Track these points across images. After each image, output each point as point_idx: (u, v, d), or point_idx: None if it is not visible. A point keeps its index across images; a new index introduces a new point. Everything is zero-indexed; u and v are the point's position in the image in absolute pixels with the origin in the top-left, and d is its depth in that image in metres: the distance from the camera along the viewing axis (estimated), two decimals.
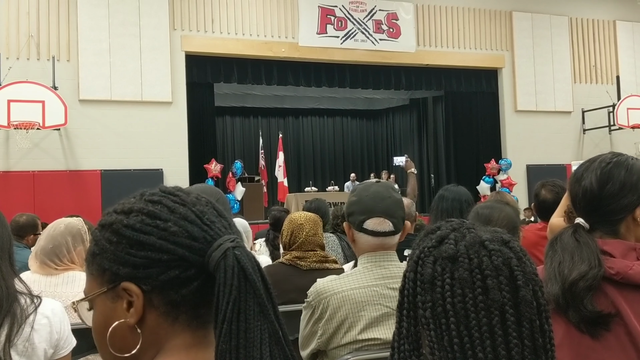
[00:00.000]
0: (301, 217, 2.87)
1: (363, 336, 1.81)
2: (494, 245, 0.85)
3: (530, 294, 0.83)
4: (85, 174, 10.23)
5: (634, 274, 1.24)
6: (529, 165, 13.26)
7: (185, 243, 0.80)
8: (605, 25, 14.55)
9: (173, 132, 10.82)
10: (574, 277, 1.23)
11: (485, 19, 13.44)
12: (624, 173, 1.36)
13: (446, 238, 0.88)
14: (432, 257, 0.87)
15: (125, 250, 0.81)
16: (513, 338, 0.80)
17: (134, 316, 0.80)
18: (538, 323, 0.83)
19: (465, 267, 0.84)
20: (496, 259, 0.84)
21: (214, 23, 11.33)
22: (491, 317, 0.81)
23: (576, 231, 1.34)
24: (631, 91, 13.46)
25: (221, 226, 0.84)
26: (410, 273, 0.90)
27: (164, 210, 0.83)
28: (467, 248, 0.85)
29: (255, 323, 0.76)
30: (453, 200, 3.34)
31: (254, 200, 11.73)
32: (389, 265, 1.91)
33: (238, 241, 0.81)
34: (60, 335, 1.71)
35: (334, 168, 18.13)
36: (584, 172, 1.40)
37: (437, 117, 15.94)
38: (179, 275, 0.80)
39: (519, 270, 0.84)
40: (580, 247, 1.29)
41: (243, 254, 0.79)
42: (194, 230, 0.81)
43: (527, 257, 0.87)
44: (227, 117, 16.90)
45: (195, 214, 0.83)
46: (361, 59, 12.39)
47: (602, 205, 1.35)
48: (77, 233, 2.47)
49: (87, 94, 10.30)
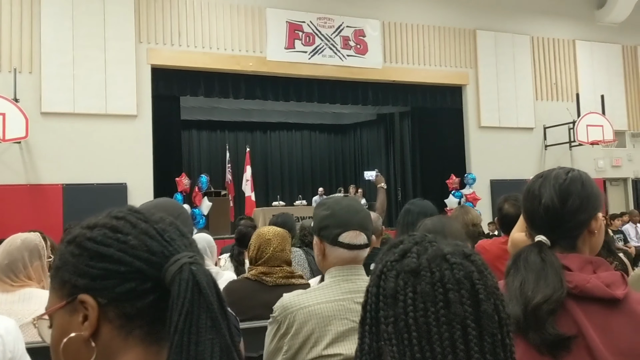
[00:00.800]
0: (269, 232, 2.83)
1: (328, 351, 1.79)
2: (456, 258, 0.85)
3: (491, 308, 0.83)
4: (46, 188, 9.99)
5: (592, 287, 1.25)
6: (493, 180, 13.47)
7: (144, 256, 0.82)
8: (565, 44, 14.97)
9: (138, 145, 10.67)
10: (538, 301, 1.22)
11: (450, 37, 13.69)
12: (581, 188, 1.38)
13: (409, 252, 0.88)
14: (394, 271, 0.87)
15: (85, 262, 0.83)
16: (475, 352, 0.80)
17: (88, 329, 0.81)
18: (500, 337, 0.83)
19: (427, 281, 0.83)
20: (458, 272, 0.84)
21: (181, 36, 11.26)
22: (453, 332, 0.80)
23: (541, 250, 1.33)
24: (590, 108, 13.82)
25: (182, 244, 0.86)
26: (373, 288, 0.89)
27: (127, 225, 0.85)
28: (429, 261, 0.85)
29: (207, 336, 0.77)
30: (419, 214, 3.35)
31: (220, 215, 11.62)
32: (357, 279, 1.89)
33: (196, 258, 0.83)
34: (13, 354, 1.65)
35: (302, 182, 18.12)
36: (540, 189, 1.39)
37: (404, 132, 16.13)
38: (135, 288, 0.81)
39: (481, 283, 0.84)
40: (546, 268, 1.28)
41: (199, 269, 0.80)
42: (153, 245, 0.83)
43: (488, 271, 0.87)
44: (194, 130, 16.78)
45: (157, 231, 0.85)
46: (329, 74, 12.47)
47: (565, 222, 1.36)
48: (35, 248, 2.40)
49: (49, 106, 10.10)
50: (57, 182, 10.08)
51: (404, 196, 15.18)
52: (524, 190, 1.46)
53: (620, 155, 15.21)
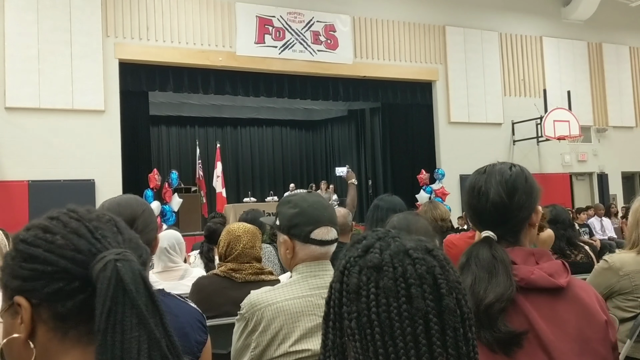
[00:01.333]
0: (239, 229, 2.81)
1: (297, 347, 1.79)
2: (418, 253, 0.86)
3: (453, 302, 0.83)
4: (11, 185, 9.77)
5: (536, 278, 1.29)
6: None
7: (69, 255, 0.82)
8: (532, 40, 15.20)
9: (106, 141, 10.50)
10: (490, 300, 1.23)
11: (419, 32, 13.78)
12: (525, 182, 1.41)
13: (372, 247, 0.88)
14: (357, 266, 0.86)
15: (18, 263, 0.83)
16: (437, 347, 0.80)
17: (23, 330, 0.82)
18: (462, 331, 0.83)
19: (390, 276, 0.83)
20: (420, 267, 0.84)
21: (149, 30, 11.10)
22: (415, 326, 0.81)
23: (491, 246, 1.34)
24: (557, 104, 14.07)
25: (115, 240, 0.85)
26: (337, 283, 0.89)
27: (58, 224, 0.85)
28: (392, 257, 0.85)
29: (132, 334, 0.75)
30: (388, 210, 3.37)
31: (190, 211, 11.53)
32: (324, 274, 1.89)
33: (125, 254, 0.80)
34: None
35: (273, 179, 18.06)
36: (486, 185, 1.40)
37: (375, 128, 16.20)
38: (63, 288, 0.81)
39: (443, 278, 0.84)
40: (497, 265, 1.29)
41: (125, 266, 0.78)
42: (80, 243, 0.83)
43: (450, 266, 0.87)
44: (163, 126, 16.56)
45: (88, 229, 0.85)
46: (300, 69, 12.43)
47: (512, 217, 1.38)
48: None
49: (13, 101, 9.87)
50: (23, 179, 9.87)
51: (375, 191, 15.25)
52: (467, 186, 1.46)
53: (586, 150, 15.52)
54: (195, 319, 1.71)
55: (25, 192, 9.81)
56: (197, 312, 1.75)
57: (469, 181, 1.47)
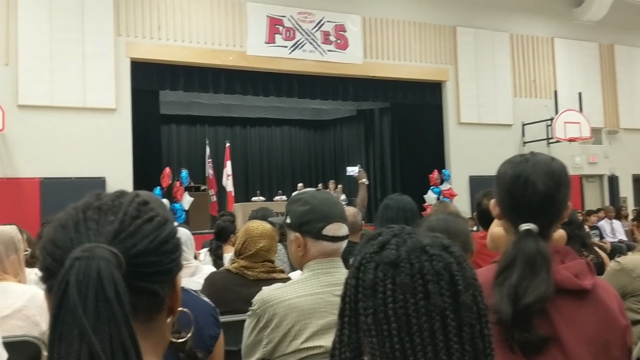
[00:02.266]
0: (257, 229, 2.80)
1: (308, 344, 1.80)
2: (435, 250, 0.86)
3: (470, 299, 0.84)
4: (23, 182, 9.84)
5: (562, 279, 1.25)
6: (472, 176, 13.57)
7: (49, 249, 0.76)
8: (543, 42, 15.12)
9: (117, 139, 10.55)
10: (529, 300, 1.19)
11: (430, 33, 13.75)
12: (565, 174, 1.36)
13: (387, 244, 0.88)
14: (373, 262, 0.87)
15: None
16: (454, 343, 0.81)
17: None
18: (478, 328, 0.84)
19: (407, 273, 0.84)
20: (437, 263, 0.84)
21: (160, 30, 11.15)
22: (432, 322, 0.81)
23: (536, 240, 1.27)
24: (568, 106, 13.98)
25: (96, 233, 0.75)
26: (352, 279, 0.89)
27: (64, 213, 0.81)
28: (409, 253, 0.86)
29: (73, 348, 0.65)
30: (397, 209, 3.38)
31: (200, 210, 11.58)
32: (336, 272, 1.90)
33: (95, 251, 0.70)
34: None
35: (282, 178, 18.08)
36: (533, 175, 1.32)
37: (384, 129, 16.19)
38: (50, 280, 0.74)
39: (460, 275, 0.84)
40: (541, 261, 1.23)
41: (82, 265, 0.68)
42: (58, 237, 0.76)
43: (466, 262, 0.88)
44: (173, 125, 16.63)
45: (75, 220, 0.77)
46: (309, 69, 12.44)
47: (555, 209, 1.33)
48: (10, 241, 2.36)
49: (26, 99, 9.94)
50: (35, 176, 9.93)
51: (383, 192, 15.24)
52: (508, 176, 1.36)
53: (597, 152, 15.42)
54: (208, 314, 1.72)
55: (37, 189, 9.88)
56: (211, 307, 1.76)
57: (509, 171, 1.37)
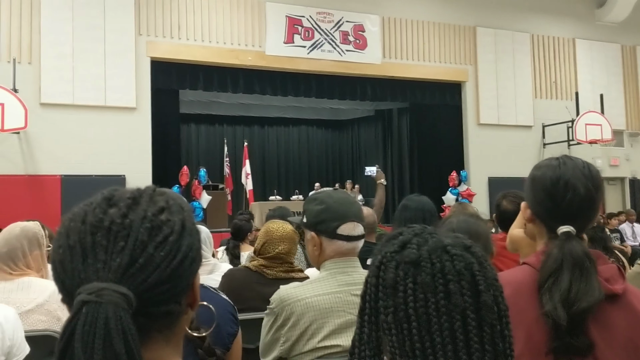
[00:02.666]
0: (278, 231, 2.79)
1: (325, 343, 1.80)
2: (456, 250, 0.86)
3: (491, 299, 0.84)
4: (44, 179, 9.98)
5: None
6: (491, 177, 13.48)
7: (61, 277, 0.73)
8: (565, 42, 14.97)
9: (136, 138, 10.65)
10: (582, 307, 1.16)
11: (449, 33, 13.68)
12: (601, 178, 1.36)
13: (408, 243, 0.88)
14: (394, 261, 0.87)
15: None
16: (474, 343, 0.81)
17: None
18: (499, 328, 0.84)
19: (428, 272, 0.84)
20: (458, 263, 0.85)
21: (181, 29, 11.24)
22: (453, 322, 0.81)
23: (579, 242, 1.25)
24: (589, 107, 13.83)
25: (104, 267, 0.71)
26: (372, 278, 0.89)
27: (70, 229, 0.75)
28: (430, 253, 0.86)
29: None
30: (416, 210, 3.37)
31: (217, 208, 11.62)
32: (353, 271, 1.91)
33: (102, 294, 0.66)
34: (12, 342, 1.65)
35: (299, 177, 18.11)
36: (573, 178, 1.30)
37: (402, 129, 16.14)
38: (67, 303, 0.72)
39: (481, 275, 0.84)
40: (589, 265, 1.21)
41: (89, 313, 0.65)
42: (69, 268, 0.72)
43: (487, 263, 0.88)
44: (192, 124, 16.75)
45: (83, 246, 0.72)
46: (327, 69, 12.44)
47: (593, 212, 1.32)
48: (34, 237, 2.40)
49: (48, 97, 10.08)
50: (56, 173, 10.07)
51: (400, 192, 15.19)
52: (547, 180, 1.34)
53: (618, 155, 15.23)
54: (226, 311, 1.73)
55: (58, 187, 10.01)
56: (229, 304, 1.77)
57: (547, 173, 1.35)
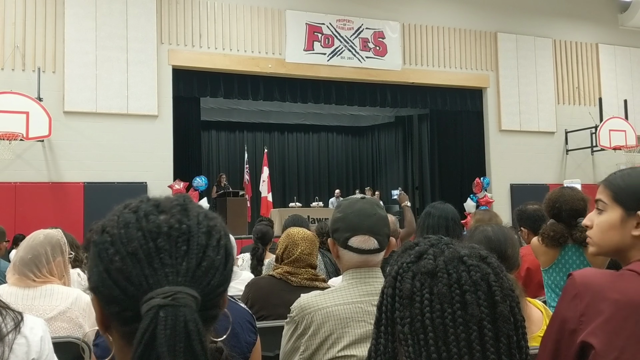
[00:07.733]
0: (298, 234, 2.84)
1: (346, 353, 1.79)
2: (473, 260, 0.86)
3: (507, 310, 0.84)
4: (67, 186, 10.12)
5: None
6: (513, 184, 13.35)
7: (122, 285, 0.73)
8: (588, 48, 14.79)
9: (158, 145, 10.77)
10: None
11: (470, 39, 13.61)
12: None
13: (425, 253, 0.88)
14: (410, 272, 0.87)
15: (90, 264, 0.79)
16: (491, 353, 0.81)
17: (99, 324, 0.79)
18: (515, 339, 0.83)
19: (444, 282, 0.84)
20: (474, 274, 0.84)
21: (202, 38, 11.35)
22: (469, 332, 0.81)
23: None
24: (613, 113, 13.64)
25: (173, 271, 0.73)
26: (389, 289, 0.89)
27: (124, 237, 0.76)
28: (446, 263, 0.86)
29: None
30: (439, 218, 3.35)
31: (237, 215, 11.66)
32: (374, 282, 1.89)
33: (177, 297, 0.69)
34: (39, 355, 1.61)
35: (319, 184, 18.14)
36: None
37: (422, 135, 16.07)
38: (119, 312, 0.74)
39: (497, 285, 0.84)
40: None
41: (168, 317, 0.68)
42: (133, 273, 0.73)
43: (504, 273, 0.87)
44: (213, 131, 16.89)
45: (147, 252, 0.74)
46: (347, 76, 12.46)
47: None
48: (57, 244, 2.43)
49: (72, 105, 10.24)
50: (79, 180, 10.20)
51: (422, 200, 15.11)
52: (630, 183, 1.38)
53: None
54: (245, 320, 1.73)
55: (81, 194, 10.14)
56: (247, 313, 1.78)
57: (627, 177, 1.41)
